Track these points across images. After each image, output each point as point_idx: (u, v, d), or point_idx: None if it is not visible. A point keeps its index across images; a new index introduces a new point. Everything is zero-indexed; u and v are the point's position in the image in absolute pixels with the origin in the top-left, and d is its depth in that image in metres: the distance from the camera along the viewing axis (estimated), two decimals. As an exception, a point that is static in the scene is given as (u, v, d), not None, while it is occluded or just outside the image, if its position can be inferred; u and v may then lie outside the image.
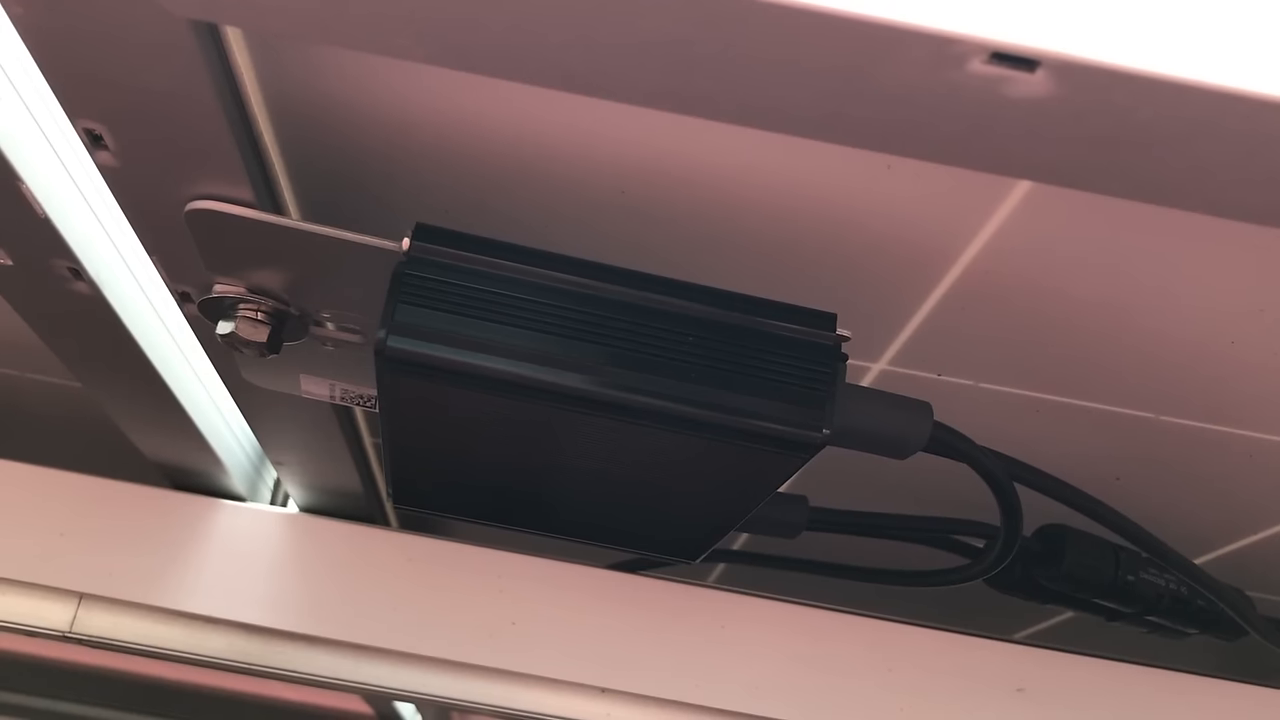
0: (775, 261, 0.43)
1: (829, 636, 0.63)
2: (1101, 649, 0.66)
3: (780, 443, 0.37)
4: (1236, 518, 0.61)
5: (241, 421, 0.59)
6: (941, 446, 0.43)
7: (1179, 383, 0.49)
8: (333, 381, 0.46)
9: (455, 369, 0.36)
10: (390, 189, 0.42)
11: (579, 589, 0.62)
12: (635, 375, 0.36)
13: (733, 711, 0.61)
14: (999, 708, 0.62)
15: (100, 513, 0.61)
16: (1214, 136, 0.26)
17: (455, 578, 0.62)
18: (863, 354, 0.49)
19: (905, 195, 0.39)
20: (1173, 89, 0.24)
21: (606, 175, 0.40)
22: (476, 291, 0.36)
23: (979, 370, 0.50)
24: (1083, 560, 0.57)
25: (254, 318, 0.40)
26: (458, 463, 0.46)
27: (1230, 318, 0.44)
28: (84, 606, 0.60)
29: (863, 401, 0.40)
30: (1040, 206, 0.38)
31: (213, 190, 0.36)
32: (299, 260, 0.38)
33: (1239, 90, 0.24)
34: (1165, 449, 0.54)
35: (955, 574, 0.57)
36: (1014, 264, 0.42)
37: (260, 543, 0.62)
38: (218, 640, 0.61)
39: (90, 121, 0.34)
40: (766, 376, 0.37)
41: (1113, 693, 0.63)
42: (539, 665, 0.61)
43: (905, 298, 0.45)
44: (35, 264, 0.42)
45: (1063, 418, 0.52)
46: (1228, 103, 0.25)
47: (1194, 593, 0.59)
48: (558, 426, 0.39)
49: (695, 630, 0.62)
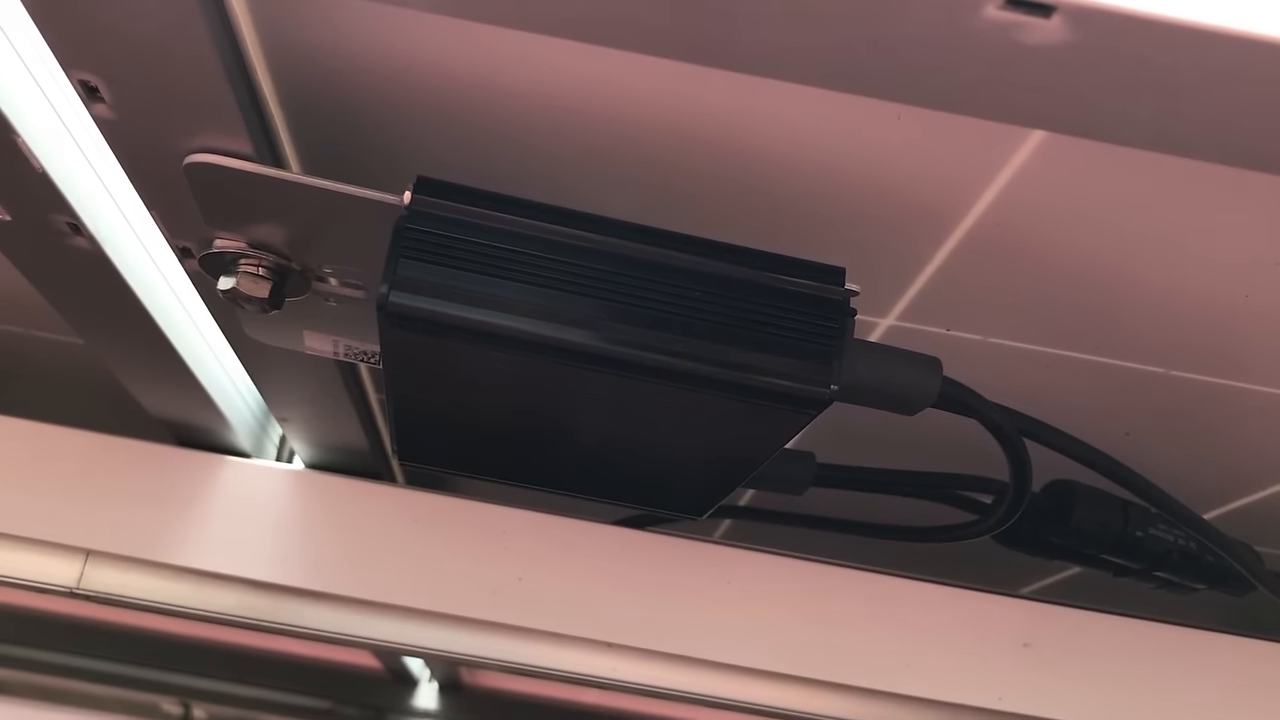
0: (782, 214, 0.43)
1: (835, 591, 0.63)
2: (1108, 604, 0.66)
3: (787, 399, 0.37)
4: (1246, 473, 0.60)
5: (246, 378, 0.59)
6: (950, 402, 0.43)
7: (1191, 337, 0.48)
8: (336, 338, 0.46)
9: (458, 324, 0.35)
10: (392, 142, 0.41)
11: (585, 545, 0.62)
12: (640, 331, 0.36)
13: (739, 666, 0.61)
14: (1005, 662, 0.62)
15: (105, 469, 0.61)
16: (1234, 84, 0.26)
17: (462, 534, 0.62)
18: (870, 309, 0.49)
19: (915, 146, 0.38)
20: (1193, 35, 0.24)
21: (610, 127, 0.39)
22: (479, 246, 0.35)
23: (988, 325, 0.49)
24: (1091, 516, 0.57)
25: (255, 273, 0.40)
26: (462, 419, 0.46)
27: (1245, 270, 0.43)
28: (90, 563, 0.60)
29: (871, 357, 0.40)
30: (1053, 157, 0.37)
31: (211, 143, 0.36)
32: (300, 214, 0.38)
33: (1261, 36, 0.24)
34: (1176, 404, 0.54)
35: (963, 530, 0.56)
36: (1025, 217, 0.41)
37: (266, 499, 0.62)
38: (225, 596, 0.61)
39: (85, 73, 0.33)
40: (773, 332, 0.37)
41: (1120, 647, 0.63)
42: (545, 620, 0.61)
43: (914, 251, 0.44)
44: (34, 219, 0.41)
45: (1072, 373, 0.52)
46: (1249, 49, 0.24)
47: (1202, 548, 0.59)
48: (562, 383, 0.39)
49: (701, 586, 0.62)
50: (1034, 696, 0.62)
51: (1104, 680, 0.63)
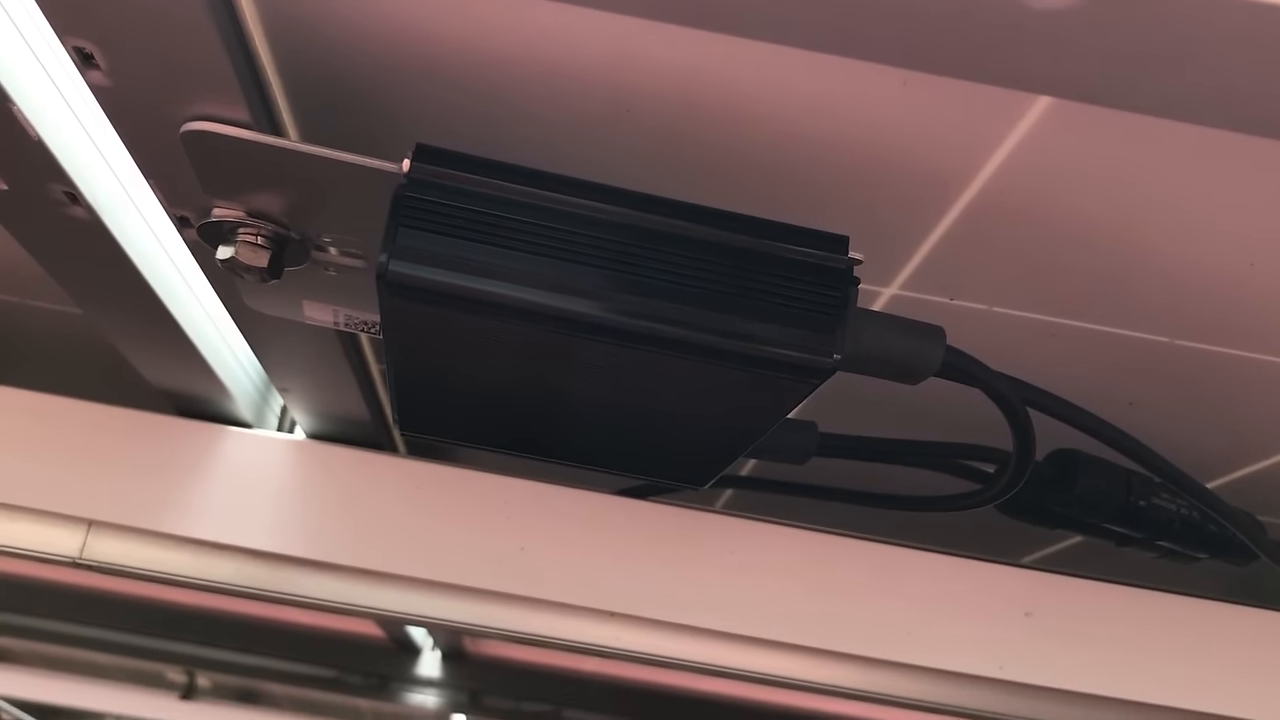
0: (785, 182, 0.42)
1: (837, 561, 0.63)
2: (1110, 573, 0.66)
3: (790, 368, 0.37)
4: (1250, 442, 0.60)
5: (246, 348, 0.59)
6: (954, 371, 0.43)
7: (1196, 306, 0.48)
8: (336, 307, 0.46)
9: (458, 294, 0.35)
10: (391, 110, 0.41)
11: (587, 514, 0.62)
12: (642, 300, 0.36)
13: (741, 635, 0.62)
14: (1007, 631, 0.62)
15: (107, 440, 0.61)
16: (1244, 48, 0.25)
17: (464, 504, 0.62)
18: (873, 278, 0.49)
19: (920, 113, 0.38)
20: None
21: (611, 93, 0.38)
22: (479, 214, 0.35)
23: (992, 294, 0.49)
24: (1094, 485, 0.57)
25: (254, 242, 0.39)
26: (463, 389, 0.45)
27: (1251, 239, 0.43)
28: (93, 533, 0.60)
29: (874, 326, 0.40)
30: (1059, 124, 0.37)
31: (208, 111, 0.36)
32: (298, 183, 0.37)
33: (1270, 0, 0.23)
34: (1180, 373, 0.54)
35: (966, 499, 0.56)
36: (1030, 185, 0.41)
37: (268, 469, 0.62)
38: (227, 566, 0.61)
39: (80, 39, 0.33)
40: (776, 301, 0.36)
41: (1121, 617, 0.64)
42: (548, 590, 0.61)
43: (918, 220, 0.44)
44: (30, 188, 0.41)
45: (1077, 342, 0.52)
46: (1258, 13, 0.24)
47: (1205, 517, 0.59)
48: (563, 352, 0.39)
49: (703, 555, 0.62)
50: (1036, 665, 0.62)
51: (1105, 649, 0.63)
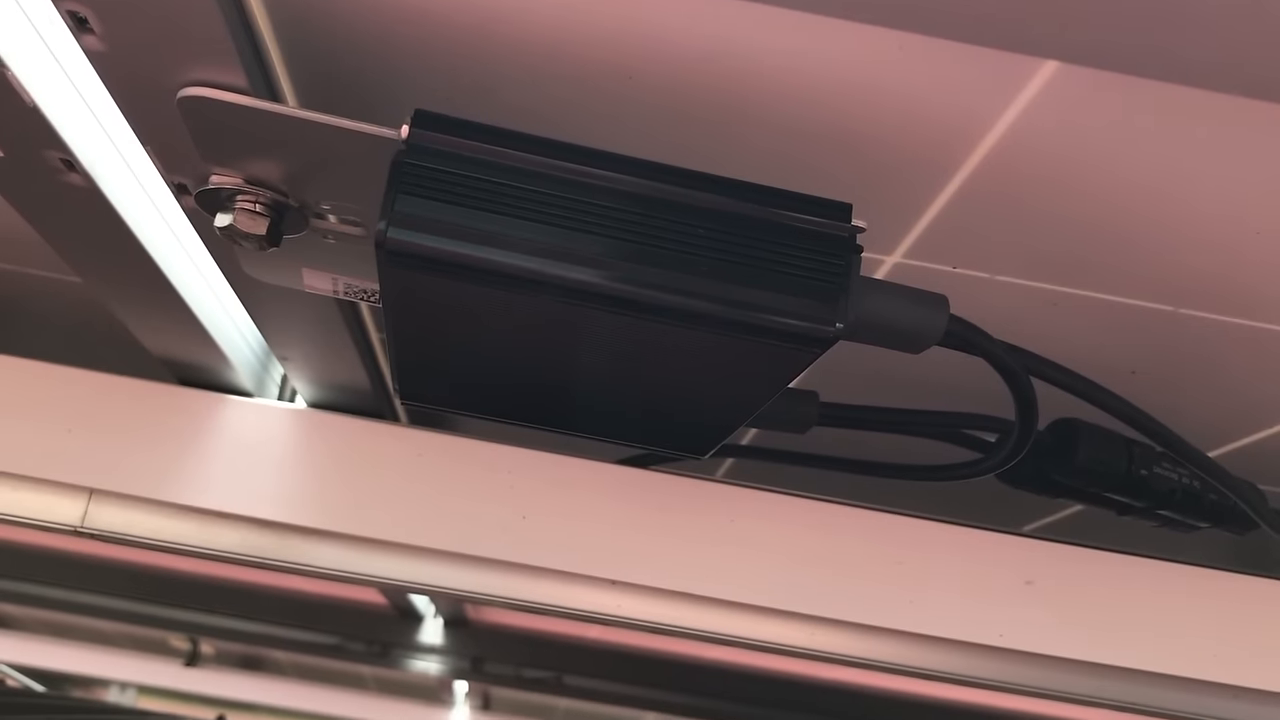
0: (787, 149, 0.42)
1: (837, 530, 0.63)
2: (1110, 542, 0.66)
3: (792, 337, 0.37)
4: (1252, 411, 0.60)
5: (246, 316, 0.58)
6: (956, 340, 0.42)
7: (1200, 274, 0.48)
8: (336, 275, 0.45)
9: (458, 262, 0.35)
10: (391, 75, 0.41)
11: (589, 483, 0.62)
12: (643, 269, 0.36)
13: (741, 603, 0.62)
14: (1007, 600, 0.62)
15: (107, 409, 0.61)
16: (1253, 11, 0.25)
17: (466, 472, 0.62)
18: (876, 247, 0.48)
19: (923, 79, 0.37)
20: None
21: (613, 58, 0.38)
22: (479, 181, 0.35)
23: (995, 263, 0.49)
24: (1096, 454, 0.57)
25: (252, 210, 0.39)
26: (464, 358, 0.45)
27: (1257, 207, 0.42)
28: (94, 502, 0.60)
29: (877, 295, 0.40)
30: (1065, 90, 0.37)
31: (205, 76, 0.35)
32: (296, 150, 0.37)
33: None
34: (1183, 342, 0.53)
35: (968, 468, 0.56)
36: (1035, 152, 0.40)
37: (269, 438, 0.62)
38: (230, 535, 0.61)
39: (74, 3, 0.32)
40: (779, 269, 0.36)
41: (1121, 585, 0.64)
42: (550, 558, 0.61)
43: (921, 188, 0.44)
44: (27, 155, 0.41)
45: (1080, 311, 0.51)
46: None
47: (1207, 486, 0.59)
48: (564, 322, 0.38)
49: (704, 524, 0.62)
50: (1035, 634, 0.62)
51: (1106, 618, 0.63)
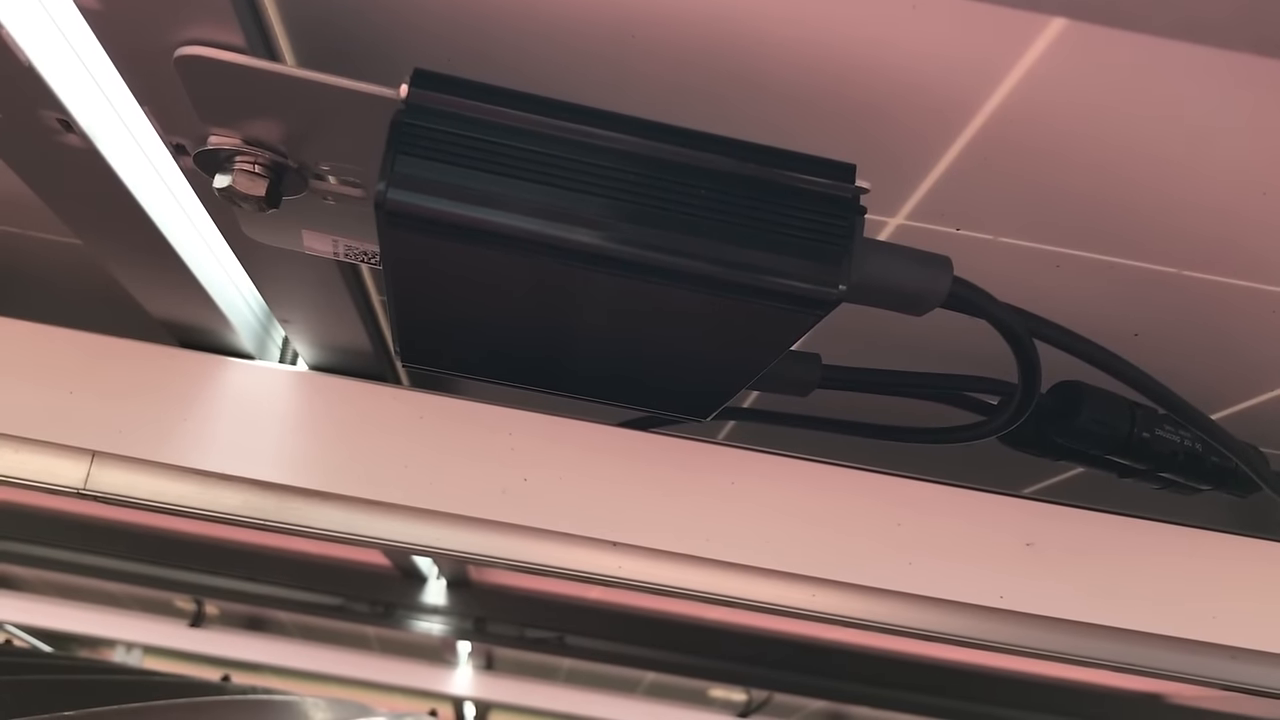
0: (791, 109, 0.42)
1: (837, 491, 0.63)
2: (1111, 504, 0.66)
3: (795, 299, 0.37)
4: (1255, 373, 0.60)
5: (246, 278, 0.58)
6: (960, 302, 0.42)
7: (1204, 236, 0.47)
8: (336, 237, 0.45)
9: (458, 223, 0.35)
10: (391, 34, 0.40)
11: (590, 446, 0.62)
12: (646, 230, 0.35)
13: (741, 565, 0.62)
14: (1008, 561, 0.63)
15: (109, 371, 0.61)
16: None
17: (468, 435, 0.62)
18: (879, 208, 0.48)
19: (929, 37, 0.37)
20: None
21: (615, 16, 0.38)
22: (480, 141, 0.35)
23: (999, 224, 0.48)
24: (1098, 416, 0.57)
25: (251, 170, 0.39)
26: (465, 320, 0.45)
27: (1264, 167, 0.42)
28: (96, 464, 0.60)
29: (880, 256, 0.39)
30: (1071, 48, 0.36)
31: (203, 35, 0.35)
32: (295, 110, 0.37)
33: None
34: (1186, 304, 0.53)
35: (970, 431, 0.56)
36: (1041, 112, 0.40)
37: (271, 400, 0.62)
38: (232, 497, 0.61)
39: (68, -39, 0.32)
40: (781, 230, 0.36)
41: (1122, 547, 0.64)
42: (551, 520, 0.61)
43: (925, 148, 0.43)
44: (24, 116, 0.40)
45: (1083, 273, 0.51)
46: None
47: (1208, 449, 0.59)
48: (566, 283, 0.38)
49: (705, 486, 0.62)
50: (1036, 595, 0.62)
51: (1106, 579, 0.63)
